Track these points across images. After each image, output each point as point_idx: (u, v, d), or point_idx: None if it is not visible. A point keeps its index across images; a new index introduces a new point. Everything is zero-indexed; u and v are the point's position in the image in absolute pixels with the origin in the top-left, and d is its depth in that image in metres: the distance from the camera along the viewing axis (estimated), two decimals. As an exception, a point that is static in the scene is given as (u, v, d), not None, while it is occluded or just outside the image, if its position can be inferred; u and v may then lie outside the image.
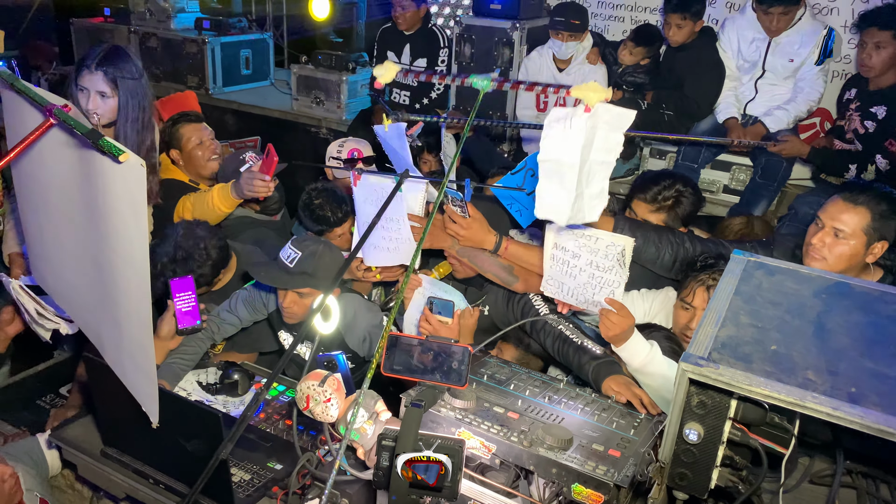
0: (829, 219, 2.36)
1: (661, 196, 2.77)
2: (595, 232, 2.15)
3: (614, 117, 1.76)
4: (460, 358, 1.69)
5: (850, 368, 1.32)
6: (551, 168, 1.83)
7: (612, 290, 2.18)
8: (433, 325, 2.26)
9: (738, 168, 4.49)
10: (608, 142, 1.80)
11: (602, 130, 1.78)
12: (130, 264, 1.63)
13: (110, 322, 1.81)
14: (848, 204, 2.34)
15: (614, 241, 2.13)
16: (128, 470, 2.10)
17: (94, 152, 1.63)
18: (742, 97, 4.44)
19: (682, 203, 2.79)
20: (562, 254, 2.22)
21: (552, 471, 1.66)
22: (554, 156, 1.81)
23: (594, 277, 2.19)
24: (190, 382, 2.63)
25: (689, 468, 1.41)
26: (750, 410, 1.35)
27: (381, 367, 1.70)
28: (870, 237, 2.33)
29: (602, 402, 1.97)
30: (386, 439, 1.57)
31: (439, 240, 2.57)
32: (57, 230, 2.01)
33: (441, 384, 1.71)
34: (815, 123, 4.69)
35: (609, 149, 1.82)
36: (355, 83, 5.64)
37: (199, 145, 3.54)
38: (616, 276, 2.16)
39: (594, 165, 1.84)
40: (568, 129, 1.76)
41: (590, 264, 2.18)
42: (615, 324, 2.18)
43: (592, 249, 2.16)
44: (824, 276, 1.73)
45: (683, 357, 1.33)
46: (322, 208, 3.15)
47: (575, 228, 2.11)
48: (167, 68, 6.41)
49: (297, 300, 2.59)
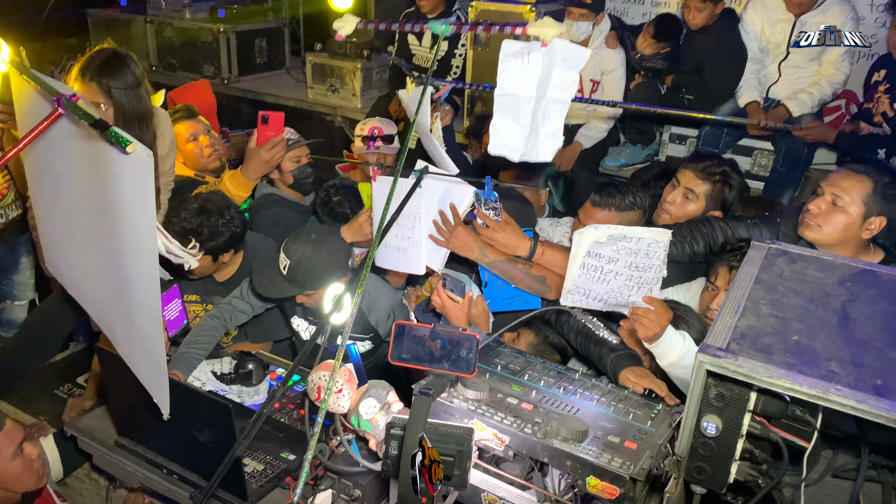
0: (829, 185, 2.30)
1: (709, 169, 2.77)
2: (636, 231, 1.99)
3: (570, 53, 1.76)
4: (468, 346, 1.67)
5: (876, 360, 1.27)
6: (506, 103, 1.83)
7: (650, 288, 2.07)
8: (443, 300, 2.23)
9: (759, 153, 4.40)
10: (564, 80, 1.79)
11: (559, 68, 1.78)
12: (139, 255, 1.62)
13: (121, 313, 1.80)
14: (849, 171, 2.29)
15: (657, 238, 1.97)
16: (142, 460, 2.10)
17: (102, 143, 1.61)
18: (765, 80, 4.34)
19: (729, 183, 2.78)
20: (595, 261, 2.04)
21: (566, 463, 1.63)
22: (510, 90, 1.81)
23: (632, 279, 2.05)
24: (204, 372, 2.62)
25: (707, 462, 1.37)
26: (770, 403, 1.31)
27: (389, 356, 1.68)
28: (868, 209, 2.25)
29: (619, 393, 1.93)
30: (394, 428, 1.55)
31: (466, 248, 2.44)
32: (68, 221, 2.01)
33: (449, 372, 1.69)
34: (841, 106, 4.59)
35: (565, 87, 1.80)
36: (370, 71, 5.60)
37: (193, 141, 3.49)
38: (656, 273, 2.05)
39: (550, 104, 1.83)
40: (525, 64, 1.76)
41: (629, 266, 2.01)
42: (654, 321, 2.08)
43: (633, 251, 1.99)
44: (849, 263, 1.67)
45: (701, 348, 1.29)
46: (341, 205, 3.14)
47: (613, 231, 1.94)
48: (183, 57, 6.42)
49: (307, 298, 2.59)
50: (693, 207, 2.79)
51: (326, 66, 5.68)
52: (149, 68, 6.43)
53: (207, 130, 3.58)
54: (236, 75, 6.28)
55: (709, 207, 2.79)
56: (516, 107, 1.84)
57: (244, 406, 2.44)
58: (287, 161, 3.39)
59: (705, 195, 2.77)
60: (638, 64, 4.48)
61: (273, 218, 3.33)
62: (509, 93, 1.83)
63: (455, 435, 1.54)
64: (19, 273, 3.47)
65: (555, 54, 1.76)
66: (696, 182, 2.78)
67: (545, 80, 1.79)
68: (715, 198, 2.78)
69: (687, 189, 2.79)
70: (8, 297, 3.44)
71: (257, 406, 2.49)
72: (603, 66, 4.55)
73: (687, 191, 2.79)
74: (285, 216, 3.38)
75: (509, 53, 1.80)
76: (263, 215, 3.34)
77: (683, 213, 2.80)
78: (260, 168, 3.24)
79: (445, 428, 1.56)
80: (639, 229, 2.02)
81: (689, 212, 2.79)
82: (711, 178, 2.77)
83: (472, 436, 1.55)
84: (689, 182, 2.79)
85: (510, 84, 1.82)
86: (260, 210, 3.40)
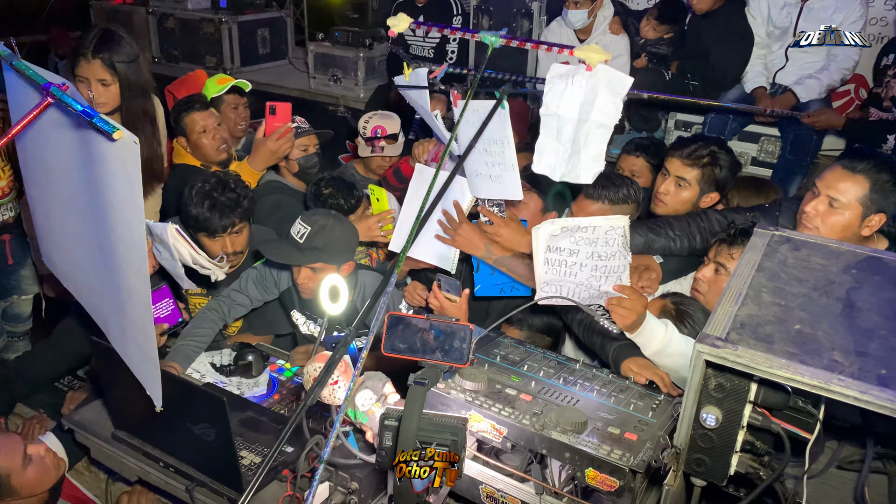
0: (825, 187, 2.24)
1: (696, 153, 2.73)
2: (588, 220, 2.01)
3: (614, 80, 1.81)
4: (462, 336, 1.64)
5: (881, 349, 1.23)
6: (551, 122, 1.89)
7: (618, 275, 2.05)
8: (440, 301, 2.20)
9: (766, 139, 4.34)
10: (608, 105, 1.84)
11: (602, 93, 1.83)
12: (129, 246, 1.60)
13: (113, 305, 1.78)
14: (846, 172, 2.22)
15: (613, 225, 1.99)
16: (138, 453, 2.09)
17: (90, 131, 1.59)
18: (771, 66, 4.28)
19: (718, 163, 2.74)
20: (557, 255, 2.05)
21: (565, 455, 1.60)
22: (553, 110, 1.88)
23: (598, 269, 2.05)
24: (203, 364, 2.61)
25: (707, 454, 1.34)
26: (772, 394, 1.27)
27: (382, 347, 1.66)
28: (866, 208, 2.20)
29: (619, 384, 1.90)
30: (388, 419, 1.53)
31: (472, 245, 2.41)
32: (61, 211, 1.99)
33: (442, 363, 1.66)
34: (850, 91, 4.51)
35: (608, 113, 1.85)
36: (372, 60, 5.56)
37: (204, 133, 3.47)
38: (620, 260, 2.04)
39: (593, 127, 1.87)
40: (569, 86, 1.83)
41: (591, 256, 2.02)
42: (629, 310, 2.05)
43: (591, 240, 2.00)
44: (854, 250, 1.63)
45: (699, 338, 1.25)
46: (334, 197, 3.10)
47: (567, 223, 1.97)
48: (185, 49, 6.40)
49: (312, 276, 2.55)
50: (687, 194, 2.77)
51: (329, 56, 5.65)
52: (151, 60, 6.41)
53: (219, 122, 3.56)
54: (239, 66, 6.25)
55: (704, 190, 2.76)
56: (560, 127, 1.90)
57: (243, 398, 2.43)
58: (294, 149, 3.39)
59: (696, 181, 2.75)
60: (642, 49, 4.42)
61: (274, 204, 3.31)
62: (553, 112, 1.89)
63: (449, 425, 1.51)
64: (26, 267, 3.46)
65: (599, 79, 1.82)
66: (685, 169, 2.75)
67: (588, 104, 1.85)
68: (707, 181, 2.75)
69: (678, 178, 2.76)
70: (15, 291, 3.44)
71: (257, 398, 2.47)
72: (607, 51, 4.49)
73: (678, 179, 2.76)
74: (286, 203, 3.36)
75: (555, 75, 1.87)
76: (264, 201, 3.32)
77: (678, 201, 2.78)
78: (267, 159, 3.24)
79: (440, 418, 1.54)
80: (593, 218, 2.01)
81: (684, 199, 2.77)
82: (699, 162, 2.74)
83: (466, 425, 1.53)
84: (678, 171, 2.76)
85: (554, 104, 1.88)
86: (261, 196, 3.38)
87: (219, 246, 2.80)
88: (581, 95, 1.83)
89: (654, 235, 2.52)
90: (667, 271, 2.56)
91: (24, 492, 2.17)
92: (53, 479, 2.27)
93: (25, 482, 2.17)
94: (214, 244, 2.79)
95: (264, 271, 2.80)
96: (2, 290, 3.37)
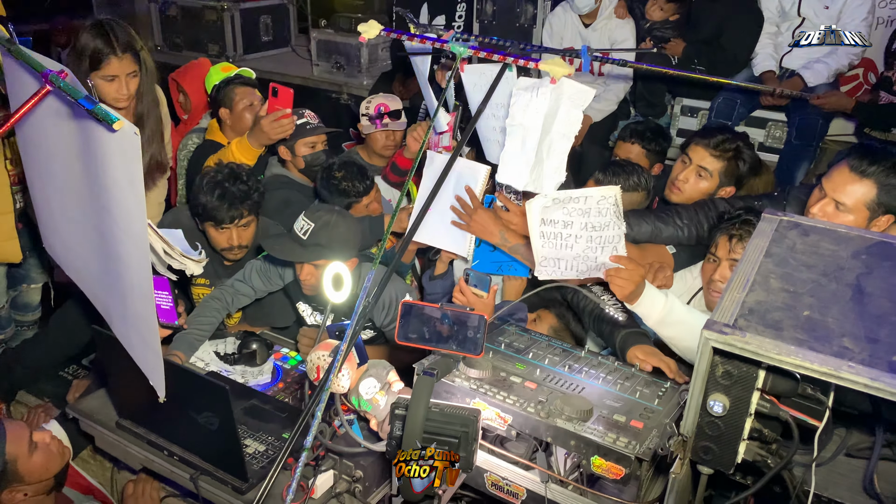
0: (832, 189, 2.19)
1: (723, 145, 2.70)
2: (579, 191, 1.99)
3: (576, 93, 1.92)
4: (476, 326, 1.63)
5: (892, 335, 1.21)
6: (516, 132, 1.99)
7: (614, 246, 2.03)
8: (468, 297, 2.16)
9: (773, 125, 4.28)
10: (570, 116, 1.95)
11: (565, 105, 1.93)
12: (130, 235, 1.59)
13: (116, 294, 1.77)
14: (853, 175, 2.16)
15: (603, 195, 1.97)
16: (143, 442, 2.09)
17: (90, 121, 1.58)
18: (779, 47, 4.21)
19: (741, 157, 2.71)
20: (552, 228, 2.03)
21: (570, 443, 1.59)
22: (519, 120, 1.98)
23: (593, 240, 2.03)
24: (207, 353, 2.61)
25: (714, 441, 1.32)
26: (780, 381, 1.25)
27: (396, 336, 1.65)
28: (873, 212, 2.16)
29: (626, 371, 1.89)
30: (399, 408, 1.52)
31: (487, 232, 2.40)
32: (62, 200, 1.98)
33: (456, 353, 1.65)
34: (859, 75, 4.45)
35: (571, 122, 1.95)
36: (375, 47, 5.52)
37: (250, 107, 3.47)
38: (615, 230, 2.01)
39: (556, 137, 1.97)
40: (534, 98, 1.93)
41: (585, 227, 2.00)
42: (627, 280, 2.02)
43: (583, 210, 1.98)
44: (864, 235, 1.60)
45: (707, 324, 1.23)
46: (347, 179, 3.09)
47: (559, 194, 1.97)
48: (187, 37, 6.36)
49: (314, 272, 2.54)
50: (706, 185, 2.73)
51: (332, 43, 5.60)
52: (154, 48, 6.38)
53: (262, 102, 3.52)
54: (241, 53, 6.21)
55: (722, 184, 2.72)
56: (524, 136, 1.98)
57: (247, 387, 2.42)
58: (302, 145, 3.36)
59: (719, 173, 2.71)
60: (648, 33, 4.36)
61: (283, 199, 3.30)
62: (518, 122, 1.98)
63: (460, 416, 1.50)
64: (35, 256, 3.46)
65: (562, 92, 1.91)
66: (710, 160, 2.70)
67: (552, 115, 1.95)
68: (729, 174, 2.71)
69: (700, 167, 2.72)
70: (24, 280, 3.44)
71: (261, 386, 2.47)
72: (613, 36, 4.44)
73: (700, 168, 2.72)
74: (295, 199, 3.36)
75: (521, 87, 1.98)
76: (273, 196, 3.31)
77: (696, 191, 2.74)
78: (260, 137, 3.22)
79: (451, 409, 1.53)
80: (584, 189, 1.99)
81: (702, 189, 2.73)
82: (725, 154, 2.70)
83: (478, 417, 1.52)
84: (702, 160, 2.71)
85: (520, 115, 1.98)
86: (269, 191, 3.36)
87: (225, 237, 2.79)
88: (545, 107, 1.94)
89: (661, 224, 2.49)
90: (679, 260, 2.54)
91: (30, 478, 2.18)
92: (59, 466, 2.28)
93: (32, 468, 2.18)
94: (221, 235, 2.78)
95: (268, 263, 2.79)
96: (11, 279, 3.37)
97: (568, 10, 4.54)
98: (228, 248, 2.81)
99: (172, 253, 2.47)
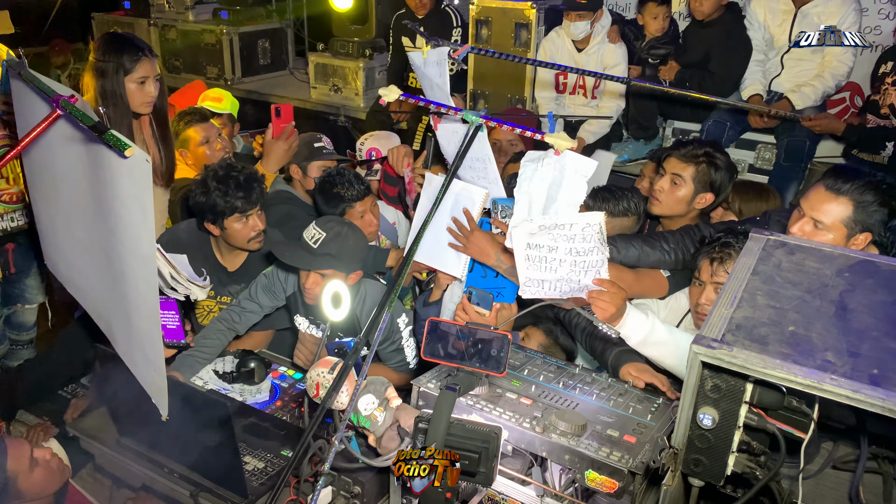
0: (809, 208, 2.27)
1: (693, 151, 2.80)
2: (566, 218, 2.03)
3: (579, 164, 2.03)
4: (499, 345, 1.68)
5: (873, 349, 1.26)
6: (523, 199, 2.10)
7: (597, 269, 2.06)
8: (470, 315, 2.19)
9: (763, 147, 4.37)
10: (575, 186, 2.05)
11: (570, 176, 2.04)
12: (138, 257, 1.62)
13: (120, 314, 1.81)
14: (829, 193, 2.24)
15: (589, 222, 2.01)
16: (143, 460, 2.11)
17: (100, 145, 1.62)
18: (767, 73, 4.31)
19: (713, 163, 2.79)
20: (537, 252, 2.07)
21: (565, 457, 1.62)
22: (525, 189, 2.10)
23: (577, 264, 2.06)
24: (206, 371, 2.63)
25: (704, 454, 1.36)
26: (767, 394, 1.29)
27: (422, 352, 1.70)
28: (850, 230, 2.23)
29: (618, 388, 1.93)
30: (422, 422, 1.56)
31: (483, 254, 2.41)
32: (68, 221, 2.02)
33: (479, 370, 1.70)
34: (845, 98, 4.55)
35: (576, 191, 2.06)
36: (372, 70, 5.60)
37: (206, 144, 3.50)
38: (598, 255, 2.05)
39: (562, 206, 2.07)
40: (539, 168, 2.06)
41: (569, 252, 2.04)
42: (609, 302, 2.06)
43: (569, 237, 2.02)
44: (848, 254, 1.65)
45: (696, 339, 1.27)
46: (340, 184, 3.14)
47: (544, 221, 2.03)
48: (186, 60, 6.44)
49: (319, 281, 2.57)
50: (682, 192, 2.81)
51: (329, 66, 5.69)
52: (153, 71, 6.44)
53: (219, 134, 3.58)
54: (240, 76, 6.30)
55: (698, 190, 2.80)
56: (531, 204, 2.10)
57: (246, 405, 2.45)
58: (315, 167, 3.45)
59: (692, 178, 2.79)
60: (644, 53, 4.46)
61: (285, 214, 3.35)
62: (525, 191, 2.10)
63: (482, 432, 1.55)
64: (31, 276, 3.49)
65: (566, 163, 2.03)
66: (681, 166, 2.80)
67: (556, 184, 2.06)
68: (702, 179, 2.79)
69: (673, 175, 2.81)
70: (19, 300, 3.47)
71: (259, 404, 2.49)
72: (605, 61, 4.53)
73: (674, 176, 2.81)
74: (297, 214, 3.41)
75: (529, 159, 2.10)
76: (276, 209, 3.36)
77: (674, 199, 2.82)
78: (280, 158, 3.32)
79: (472, 424, 1.57)
80: (570, 216, 2.04)
81: (679, 196, 2.81)
82: (695, 160, 2.79)
83: (500, 434, 1.56)
84: (674, 168, 2.81)
85: (526, 184, 2.10)
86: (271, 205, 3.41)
87: (251, 224, 2.85)
88: (550, 176, 2.05)
89: (648, 248, 2.56)
90: (674, 284, 2.59)
91: (30, 495, 2.19)
92: (59, 484, 2.29)
93: (32, 485, 2.19)
94: (246, 225, 2.84)
95: (273, 277, 2.83)
96: (5, 298, 3.39)
97: (562, 35, 4.63)
98: (255, 235, 2.86)
99: (179, 278, 2.52)
